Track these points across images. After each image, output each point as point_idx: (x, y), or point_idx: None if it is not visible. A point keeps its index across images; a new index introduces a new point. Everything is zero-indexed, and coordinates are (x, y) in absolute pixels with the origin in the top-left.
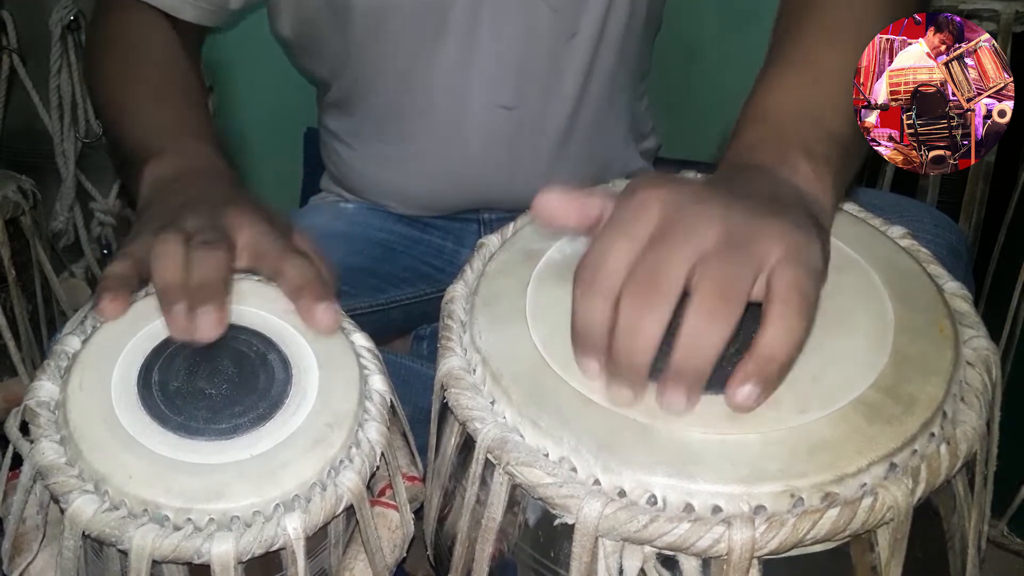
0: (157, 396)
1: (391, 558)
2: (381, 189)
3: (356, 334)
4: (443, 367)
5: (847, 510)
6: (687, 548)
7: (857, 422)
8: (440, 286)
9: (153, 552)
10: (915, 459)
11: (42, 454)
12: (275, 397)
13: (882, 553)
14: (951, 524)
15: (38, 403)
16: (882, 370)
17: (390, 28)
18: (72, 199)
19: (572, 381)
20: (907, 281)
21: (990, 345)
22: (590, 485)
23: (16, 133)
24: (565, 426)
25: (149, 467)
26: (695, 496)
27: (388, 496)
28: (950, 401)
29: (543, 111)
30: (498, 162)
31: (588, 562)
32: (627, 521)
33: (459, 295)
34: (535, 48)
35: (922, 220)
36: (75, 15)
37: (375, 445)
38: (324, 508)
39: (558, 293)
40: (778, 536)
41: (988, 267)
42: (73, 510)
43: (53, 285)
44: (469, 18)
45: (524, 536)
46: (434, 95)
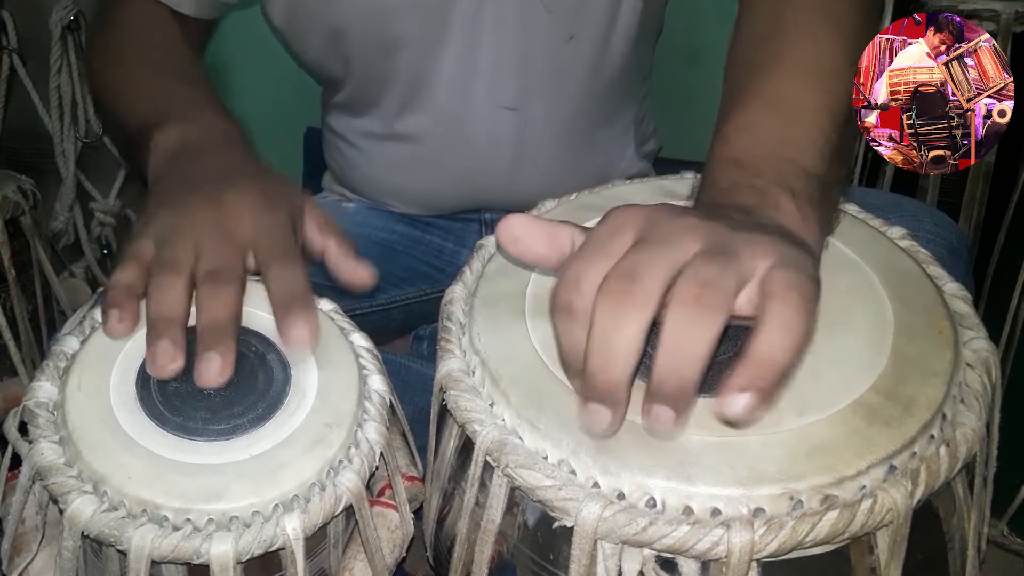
0: (156, 397)
1: (391, 558)
2: (384, 188)
3: (355, 334)
4: (442, 369)
5: (846, 512)
6: (686, 551)
7: (856, 424)
8: (440, 286)
9: (152, 552)
10: (914, 461)
11: (41, 455)
12: (274, 397)
13: (881, 555)
14: (951, 526)
15: (37, 404)
16: (881, 372)
17: (393, 28)
18: (72, 199)
19: (571, 384)
20: (906, 282)
21: (990, 346)
22: (589, 488)
23: (16, 133)
24: (564, 428)
25: (148, 467)
26: (694, 499)
27: (387, 496)
28: (950, 403)
29: (546, 112)
30: (500, 162)
31: (587, 564)
32: (626, 524)
33: (458, 296)
34: (535, 49)
35: (922, 220)
36: (75, 15)
37: (374, 445)
38: (323, 508)
39: None
40: (777, 538)
41: (988, 267)
42: (72, 510)
43: (53, 285)
44: (471, 19)
45: (523, 538)
46: (437, 96)
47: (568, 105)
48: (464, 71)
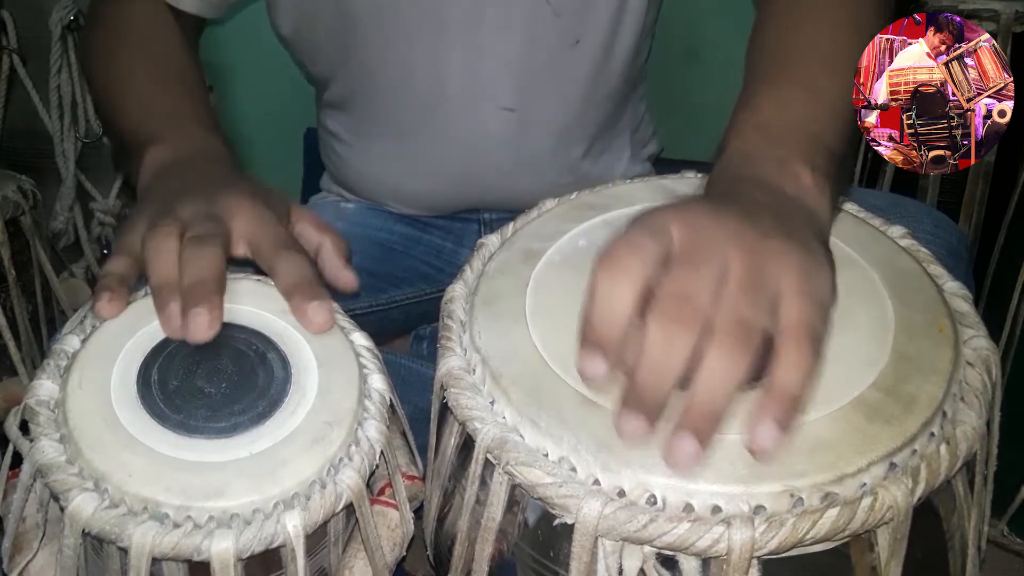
0: (156, 395)
1: (391, 556)
2: (381, 189)
3: (355, 333)
4: (443, 367)
5: (847, 510)
6: (687, 548)
7: (857, 422)
8: (440, 286)
9: (153, 550)
10: (915, 459)
11: (42, 452)
12: (274, 396)
13: (882, 553)
14: (951, 524)
15: (38, 402)
16: (882, 370)
17: (391, 26)
18: (72, 199)
19: (572, 381)
20: (907, 281)
21: (990, 345)
22: (590, 485)
23: (16, 133)
24: (564, 426)
25: (149, 465)
26: (694, 496)
27: (388, 495)
28: (950, 401)
29: (546, 114)
30: (500, 164)
31: (588, 562)
32: (626, 521)
33: (459, 295)
34: (538, 52)
35: (922, 220)
36: (75, 15)
37: (374, 443)
38: (324, 506)
39: (558, 293)
40: (778, 536)
41: (988, 267)
42: (73, 508)
43: (53, 285)
44: (471, 19)
45: (524, 536)
46: (436, 96)
47: (568, 108)
48: (464, 72)
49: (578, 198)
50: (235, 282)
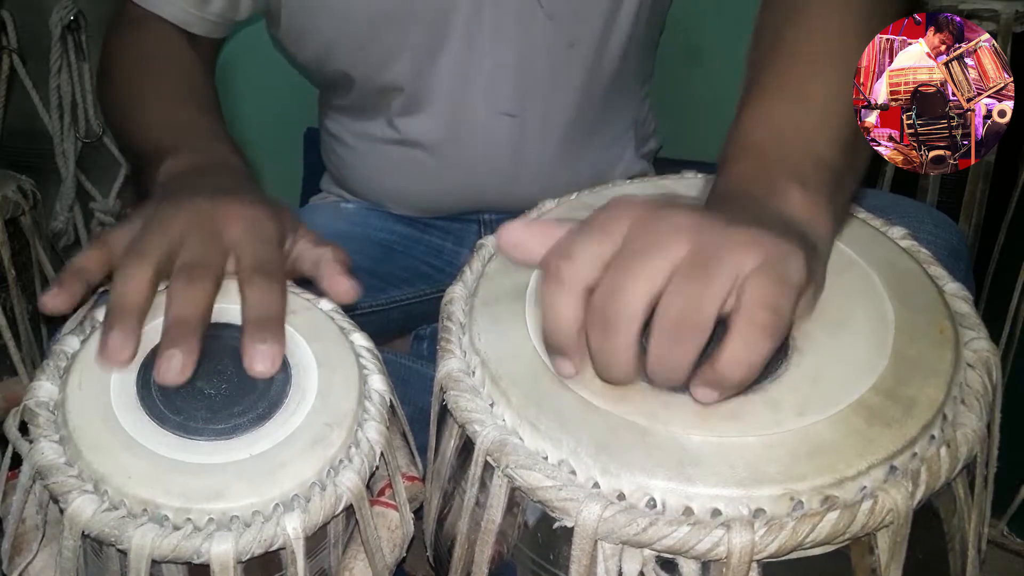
0: (156, 396)
1: (391, 558)
2: (382, 191)
3: (355, 334)
4: (442, 369)
5: (847, 513)
6: (686, 551)
7: (857, 424)
8: (440, 286)
9: (152, 552)
10: (915, 462)
11: (41, 454)
12: (274, 397)
13: (882, 556)
14: (951, 526)
15: (37, 403)
16: (882, 372)
17: (392, 34)
18: (72, 199)
19: (571, 384)
20: (907, 282)
21: (990, 347)
22: (589, 488)
23: (16, 133)
24: (564, 429)
25: (148, 467)
26: (694, 499)
27: (388, 496)
28: (950, 403)
29: (545, 118)
30: (499, 167)
31: (587, 565)
32: (626, 524)
33: (458, 296)
34: (534, 56)
35: (922, 220)
36: (75, 15)
37: (374, 445)
38: (323, 508)
39: None
40: (777, 539)
41: (988, 267)
42: (72, 510)
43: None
44: (471, 25)
45: (523, 538)
46: (436, 102)
47: (566, 110)
48: (463, 78)
49: (578, 198)
50: (235, 283)
